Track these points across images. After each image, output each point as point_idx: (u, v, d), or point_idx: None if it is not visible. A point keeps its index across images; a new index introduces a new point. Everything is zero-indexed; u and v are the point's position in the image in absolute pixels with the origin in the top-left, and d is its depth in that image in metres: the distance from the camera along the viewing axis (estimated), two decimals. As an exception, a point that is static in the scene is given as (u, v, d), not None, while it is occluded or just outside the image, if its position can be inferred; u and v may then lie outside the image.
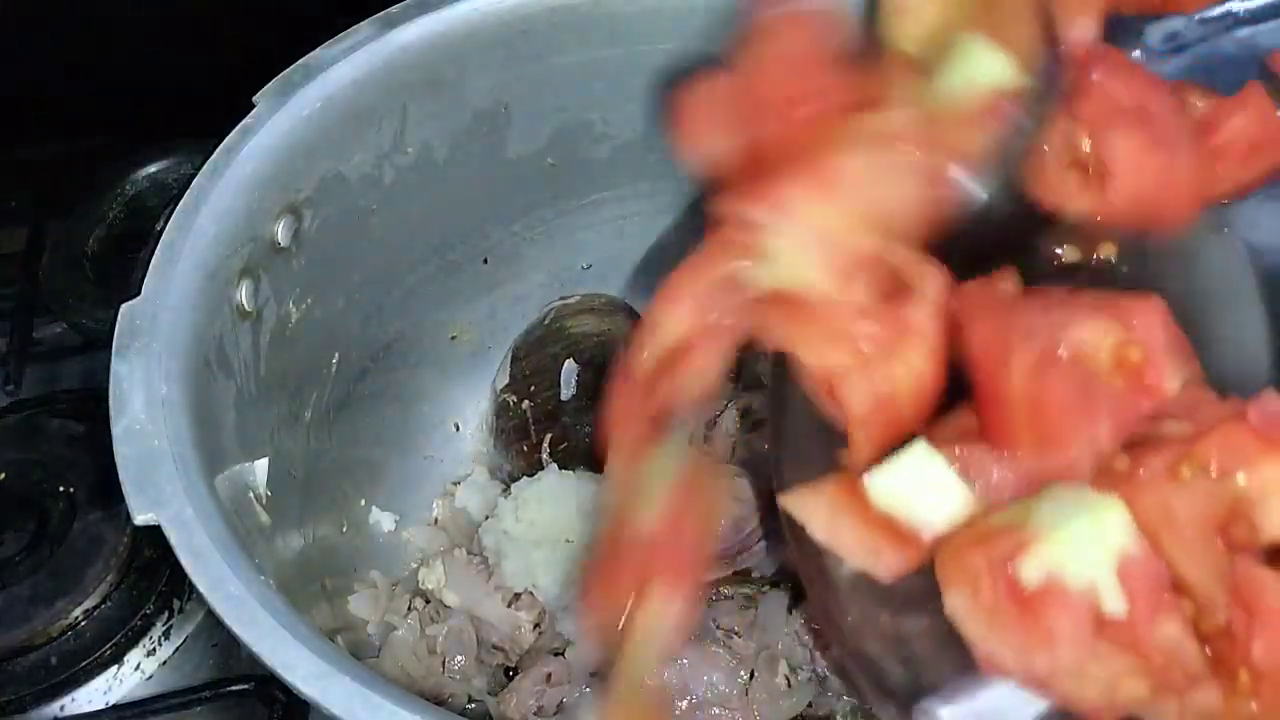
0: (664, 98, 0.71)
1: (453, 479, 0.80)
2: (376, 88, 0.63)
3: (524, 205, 0.77)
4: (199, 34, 0.96)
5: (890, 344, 0.45)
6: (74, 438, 0.77)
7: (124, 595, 0.71)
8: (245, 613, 0.44)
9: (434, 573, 0.70)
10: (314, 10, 0.94)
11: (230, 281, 0.57)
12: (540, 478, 0.72)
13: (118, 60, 0.95)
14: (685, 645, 0.65)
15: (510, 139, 0.72)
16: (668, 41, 0.69)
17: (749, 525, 0.68)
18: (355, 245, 0.67)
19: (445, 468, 0.81)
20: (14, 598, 0.70)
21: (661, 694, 0.56)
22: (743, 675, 0.65)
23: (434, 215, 0.73)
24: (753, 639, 0.65)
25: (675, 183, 0.79)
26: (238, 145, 0.58)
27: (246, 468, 0.57)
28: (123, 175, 0.79)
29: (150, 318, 0.52)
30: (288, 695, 0.65)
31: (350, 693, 0.42)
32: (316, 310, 0.65)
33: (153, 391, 0.50)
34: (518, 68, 0.68)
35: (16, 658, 0.69)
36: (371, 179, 0.66)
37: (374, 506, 0.75)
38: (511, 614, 0.66)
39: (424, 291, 0.76)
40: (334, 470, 0.70)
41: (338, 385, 0.70)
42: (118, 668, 0.70)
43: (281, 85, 0.61)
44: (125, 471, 0.47)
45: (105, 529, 0.72)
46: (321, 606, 0.64)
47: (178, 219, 0.56)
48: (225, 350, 0.56)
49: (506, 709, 0.65)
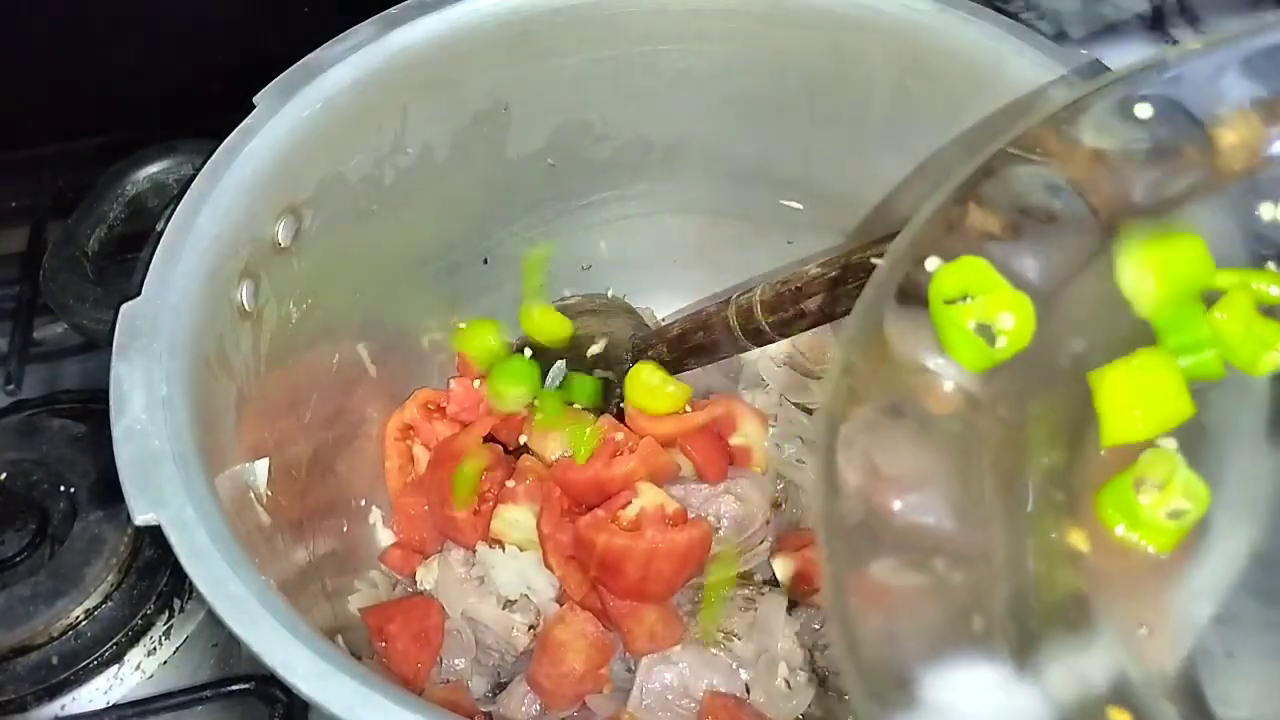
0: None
1: (453, 479, 0.80)
2: (376, 88, 0.63)
3: (524, 205, 0.77)
4: (199, 34, 0.96)
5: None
6: (74, 438, 0.77)
7: (125, 595, 0.71)
8: (245, 613, 0.44)
9: (431, 573, 0.70)
10: (314, 10, 0.95)
11: (230, 282, 0.57)
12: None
13: (118, 60, 0.95)
14: (684, 647, 0.65)
15: (510, 139, 0.72)
16: (668, 42, 0.69)
17: (751, 526, 0.68)
18: (355, 245, 0.67)
19: (446, 468, 0.81)
20: (14, 598, 0.69)
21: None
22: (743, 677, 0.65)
23: (434, 215, 0.73)
24: (752, 641, 0.65)
25: (675, 183, 0.79)
26: (238, 145, 0.58)
27: (246, 468, 0.57)
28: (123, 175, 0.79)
29: (151, 318, 0.52)
30: (288, 695, 0.65)
31: (350, 693, 0.42)
32: (317, 310, 0.65)
33: (153, 391, 0.50)
34: (518, 68, 0.68)
35: (17, 657, 0.69)
36: (372, 179, 0.66)
37: (374, 506, 0.75)
38: (506, 616, 0.66)
39: (424, 292, 0.76)
40: (334, 470, 0.70)
41: (338, 385, 0.70)
42: (118, 667, 0.70)
43: (282, 86, 0.61)
44: (126, 471, 0.47)
45: (106, 529, 0.72)
46: (321, 606, 0.64)
47: (178, 219, 0.56)
48: (225, 350, 0.56)
49: (505, 710, 0.66)
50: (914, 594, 0.38)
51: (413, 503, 0.74)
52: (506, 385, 0.75)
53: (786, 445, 0.74)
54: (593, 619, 0.65)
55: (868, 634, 0.36)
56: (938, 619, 0.38)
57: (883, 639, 0.36)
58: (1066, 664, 0.37)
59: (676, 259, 0.84)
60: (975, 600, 0.38)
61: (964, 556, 0.38)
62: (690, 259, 0.84)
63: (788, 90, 0.70)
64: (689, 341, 0.72)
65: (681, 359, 0.73)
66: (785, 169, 0.76)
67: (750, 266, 0.80)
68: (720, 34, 0.69)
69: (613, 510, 0.65)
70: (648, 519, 0.64)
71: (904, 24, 0.64)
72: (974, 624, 0.37)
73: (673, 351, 0.73)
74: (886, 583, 0.38)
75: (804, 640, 0.67)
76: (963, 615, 0.37)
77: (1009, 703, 0.36)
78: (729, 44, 0.69)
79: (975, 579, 0.38)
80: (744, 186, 0.78)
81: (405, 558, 0.73)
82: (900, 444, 0.40)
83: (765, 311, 0.66)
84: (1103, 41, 1.00)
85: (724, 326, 0.69)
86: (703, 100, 0.72)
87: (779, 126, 0.73)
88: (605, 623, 0.65)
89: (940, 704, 0.35)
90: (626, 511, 0.64)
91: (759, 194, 0.78)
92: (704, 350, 0.71)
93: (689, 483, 0.69)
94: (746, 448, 0.72)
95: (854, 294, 0.62)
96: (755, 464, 0.73)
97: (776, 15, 0.67)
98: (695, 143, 0.76)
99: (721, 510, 0.67)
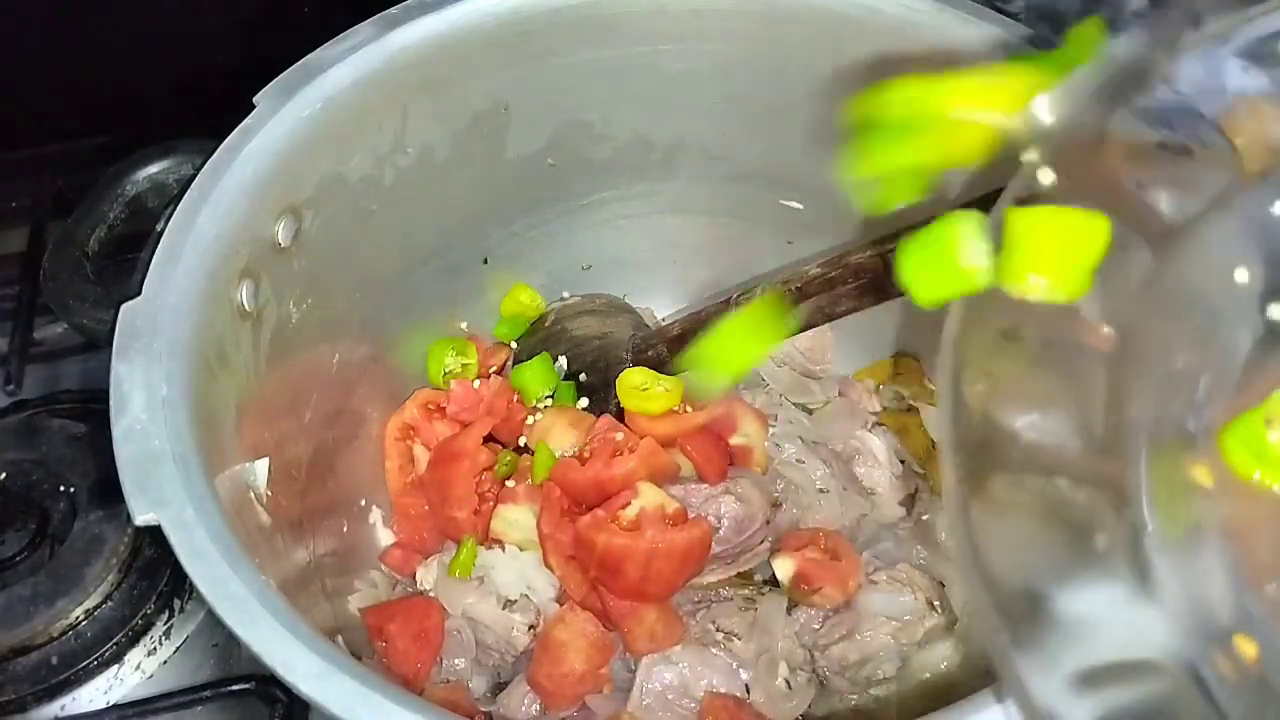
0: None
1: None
2: (377, 88, 0.63)
3: (524, 205, 0.77)
4: (199, 34, 0.96)
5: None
6: (74, 438, 0.77)
7: (125, 595, 0.71)
8: (245, 613, 0.44)
9: (431, 573, 0.70)
10: (314, 10, 0.95)
11: (230, 282, 0.57)
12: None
13: (118, 60, 0.95)
14: (685, 647, 0.65)
15: (510, 139, 0.72)
16: (668, 42, 0.69)
17: (751, 526, 0.68)
18: (355, 246, 0.67)
19: (446, 468, 0.81)
20: (14, 598, 0.69)
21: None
22: (743, 677, 0.65)
23: (434, 215, 0.73)
24: (752, 641, 0.65)
25: (675, 183, 0.79)
26: (238, 145, 0.58)
27: (246, 468, 0.57)
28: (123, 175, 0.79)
29: (151, 318, 0.52)
30: (288, 695, 0.65)
31: (350, 693, 0.42)
32: (317, 310, 0.65)
33: (153, 391, 0.50)
34: (518, 68, 0.68)
35: (17, 657, 0.69)
36: (372, 179, 0.66)
37: (374, 506, 0.75)
38: (506, 616, 0.66)
39: (424, 292, 0.76)
40: (334, 470, 0.70)
41: (338, 385, 0.70)
42: (118, 667, 0.70)
43: (282, 86, 0.61)
44: (126, 471, 0.47)
45: (106, 529, 0.72)
46: (321, 606, 0.64)
47: (178, 219, 0.56)
48: (225, 350, 0.56)
49: (505, 710, 0.66)
50: (1040, 511, 0.38)
51: (413, 503, 0.74)
52: (531, 378, 0.76)
53: (786, 445, 0.74)
54: (593, 619, 0.65)
55: (993, 549, 0.36)
56: (1064, 536, 0.38)
57: (1008, 554, 0.37)
58: (1189, 593, 0.37)
59: (676, 259, 0.84)
60: (1099, 521, 0.38)
61: (1086, 478, 0.39)
62: (690, 259, 0.84)
63: (788, 90, 0.70)
64: (689, 341, 0.72)
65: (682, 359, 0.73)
66: (785, 169, 0.76)
67: (750, 266, 0.80)
68: (720, 34, 0.69)
69: (613, 510, 0.65)
70: (648, 519, 0.64)
71: (904, 24, 0.64)
72: (1098, 544, 0.37)
73: (673, 351, 0.73)
74: (1012, 500, 0.38)
75: (804, 640, 0.67)
76: (1087, 534, 0.38)
77: (1136, 622, 0.37)
78: (729, 44, 0.69)
79: (1098, 501, 0.38)
80: (744, 186, 0.78)
81: (405, 558, 0.73)
82: (1021, 365, 0.40)
83: (765, 311, 0.66)
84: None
85: (724, 327, 0.69)
86: (703, 100, 0.72)
87: (779, 126, 0.73)
88: (605, 623, 0.65)
89: (1067, 619, 0.36)
90: (626, 511, 0.65)
91: (759, 194, 0.78)
92: (704, 350, 0.71)
93: (689, 483, 0.69)
94: (746, 448, 0.72)
95: (854, 294, 0.62)
96: (755, 464, 0.73)
97: (776, 15, 0.67)
98: (695, 143, 0.76)
99: (721, 510, 0.67)
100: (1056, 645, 0.36)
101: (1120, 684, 0.37)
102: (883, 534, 0.73)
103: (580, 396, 0.76)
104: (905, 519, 0.73)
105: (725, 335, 0.57)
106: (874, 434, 0.75)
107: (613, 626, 0.65)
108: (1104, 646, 0.37)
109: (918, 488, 0.74)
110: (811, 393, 0.79)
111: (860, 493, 0.72)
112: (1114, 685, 0.36)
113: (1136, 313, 0.41)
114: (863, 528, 0.72)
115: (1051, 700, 0.35)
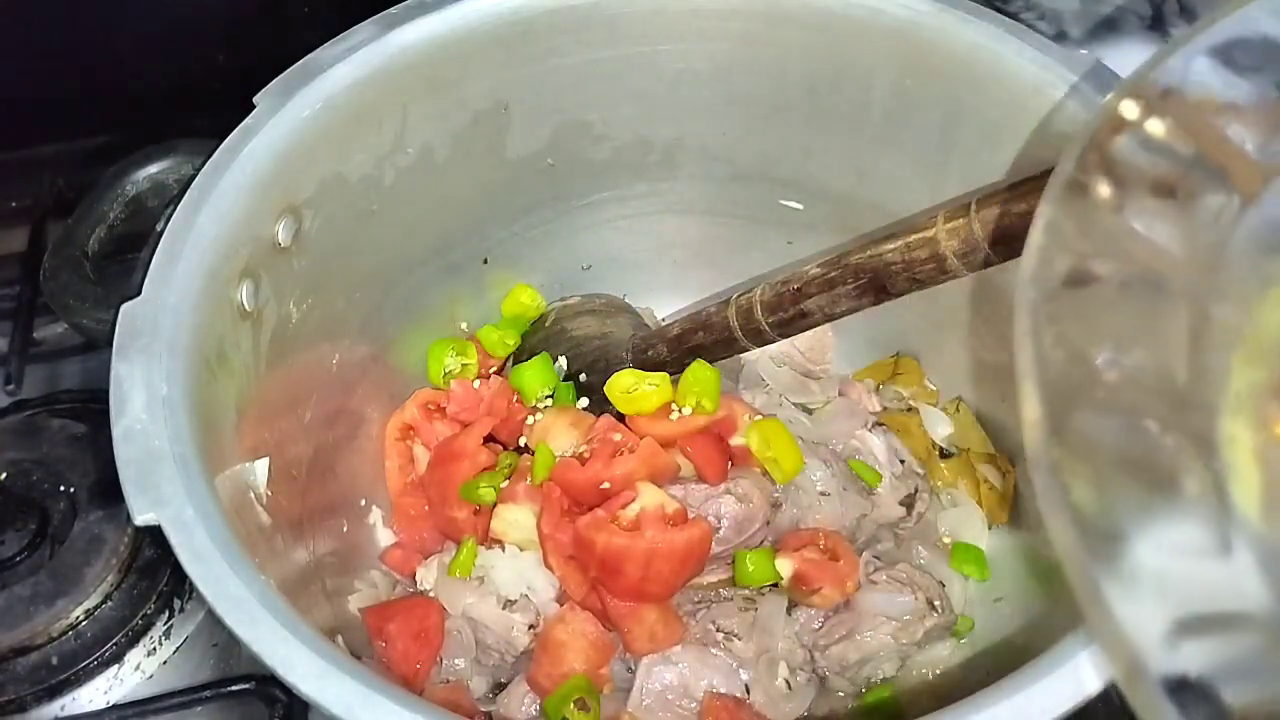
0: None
1: (453, 479, 0.80)
2: (376, 88, 0.63)
3: (524, 205, 0.77)
4: (199, 34, 0.96)
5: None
6: (74, 438, 0.77)
7: (124, 595, 0.71)
8: (245, 613, 0.44)
9: (431, 573, 0.70)
10: (314, 10, 0.95)
11: (230, 282, 0.57)
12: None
13: (118, 60, 0.95)
14: (684, 647, 0.65)
15: (510, 139, 0.72)
16: (668, 42, 0.69)
17: (751, 526, 0.68)
18: (355, 246, 0.67)
19: (445, 468, 0.81)
20: (14, 598, 0.69)
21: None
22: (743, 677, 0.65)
23: (434, 215, 0.73)
24: (752, 641, 0.65)
25: (675, 183, 0.79)
26: (238, 145, 0.58)
27: (246, 468, 0.57)
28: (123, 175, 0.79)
29: (151, 318, 0.52)
30: (288, 695, 0.65)
31: (350, 693, 0.42)
32: (316, 310, 0.65)
33: (153, 391, 0.50)
34: (518, 68, 0.68)
35: (17, 657, 0.69)
36: (372, 179, 0.66)
37: (374, 506, 0.75)
38: (506, 616, 0.66)
39: (424, 292, 0.76)
40: (334, 470, 0.70)
41: (338, 385, 0.70)
42: (118, 667, 0.70)
43: (282, 85, 0.61)
44: (126, 471, 0.47)
45: (106, 529, 0.72)
46: (321, 606, 0.64)
47: (178, 219, 0.56)
48: (225, 350, 0.56)
49: (505, 710, 0.66)
50: (1125, 453, 0.38)
51: (413, 503, 0.74)
52: (531, 379, 0.76)
53: (786, 445, 0.74)
54: (593, 619, 0.65)
55: (1078, 485, 0.36)
56: (1150, 479, 0.38)
57: (1094, 490, 0.36)
58: (1270, 547, 0.37)
59: (676, 259, 0.84)
60: (1186, 466, 0.37)
61: (1171, 424, 0.38)
62: (690, 259, 0.84)
63: (788, 90, 0.70)
64: (689, 341, 0.72)
65: (681, 359, 0.72)
66: (785, 169, 0.76)
67: (750, 266, 0.80)
68: (720, 34, 0.69)
69: (613, 510, 0.65)
70: (648, 519, 0.64)
71: (904, 24, 0.64)
72: (1188, 489, 0.37)
73: (673, 351, 0.73)
74: (1098, 437, 0.38)
75: (804, 640, 0.67)
76: (1174, 479, 0.37)
77: (1226, 573, 0.36)
78: (729, 44, 0.69)
79: (1184, 446, 0.38)
80: (744, 186, 0.78)
81: (405, 558, 0.73)
82: (1102, 303, 0.40)
83: (765, 311, 0.66)
84: (1103, 41, 1.00)
85: (724, 326, 0.69)
86: (703, 100, 0.72)
87: (779, 126, 0.73)
88: (605, 623, 0.65)
89: (1156, 567, 0.36)
90: (626, 511, 0.64)
91: (759, 194, 0.78)
92: (704, 350, 0.71)
93: (689, 483, 0.69)
94: (746, 448, 0.72)
95: (854, 294, 0.62)
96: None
97: (776, 15, 0.67)
98: (695, 143, 0.76)
99: (721, 510, 0.67)
100: (1146, 594, 0.35)
101: (1213, 635, 0.36)
102: (883, 534, 0.73)
103: (580, 396, 0.76)
104: (905, 519, 0.73)
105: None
106: (874, 434, 0.75)
107: (613, 626, 0.65)
108: (1196, 597, 0.36)
109: (918, 488, 0.74)
110: (811, 393, 0.79)
111: (860, 493, 0.72)
112: (1206, 636, 0.36)
113: (1220, 254, 0.40)
114: (863, 528, 0.72)
115: (1148, 649, 0.34)
